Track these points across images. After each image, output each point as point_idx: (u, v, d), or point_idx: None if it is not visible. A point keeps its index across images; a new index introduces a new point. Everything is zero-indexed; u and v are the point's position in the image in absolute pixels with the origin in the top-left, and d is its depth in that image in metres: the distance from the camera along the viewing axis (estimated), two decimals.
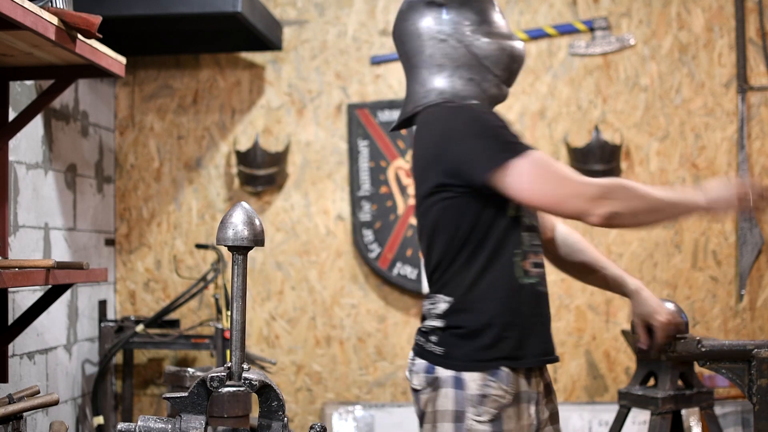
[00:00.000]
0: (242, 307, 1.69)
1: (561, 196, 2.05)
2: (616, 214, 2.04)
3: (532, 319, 2.15)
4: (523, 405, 2.12)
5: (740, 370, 2.41)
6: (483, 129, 2.12)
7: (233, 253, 1.69)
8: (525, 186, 2.05)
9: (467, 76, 2.22)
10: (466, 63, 2.22)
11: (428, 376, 2.14)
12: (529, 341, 2.14)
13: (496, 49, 2.21)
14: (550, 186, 2.06)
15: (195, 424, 1.66)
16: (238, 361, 1.68)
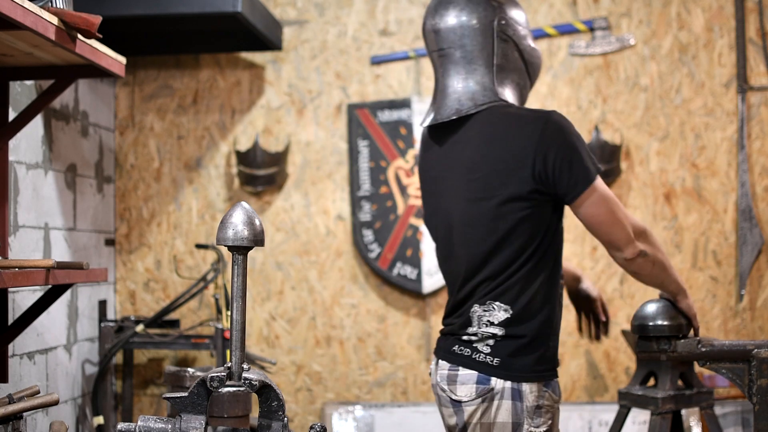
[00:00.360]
0: (242, 307, 1.69)
1: (616, 224, 2.13)
2: (645, 254, 2.15)
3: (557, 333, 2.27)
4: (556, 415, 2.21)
5: (740, 370, 2.41)
6: (582, 143, 2.14)
7: (233, 253, 1.69)
8: (593, 208, 2.11)
9: (516, 79, 2.22)
10: (517, 67, 2.21)
11: (480, 387, 2.10)
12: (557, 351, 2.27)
13: (537, 57, 2.23)
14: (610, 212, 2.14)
15: (195, 424, 1.66)
16: (238, 361, 1.68)
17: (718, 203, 4.20)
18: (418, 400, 4.24)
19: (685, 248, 4.20)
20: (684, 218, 4.21)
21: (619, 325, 4.18)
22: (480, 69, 2.19)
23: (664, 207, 4.21)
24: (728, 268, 4.20)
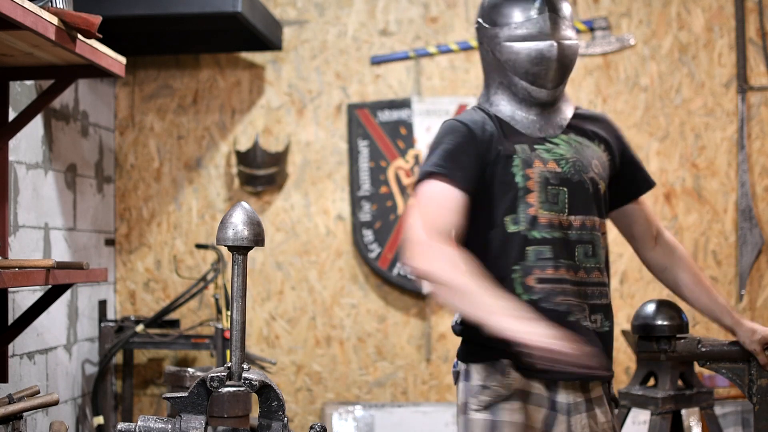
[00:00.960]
0: (242, 307, 1.69)
1: (407, 233, 2.11)
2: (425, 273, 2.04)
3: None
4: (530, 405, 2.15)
5: (740, 370, 2.41)
6: (436, 144, 2.21)
7: (233, 253, 1.69)
8: (410, 208, 2.15)
9: (498, 79, 2.29)
10: (496, 68, 2.28)
11: (453, 371, 2.28)
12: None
13: (512, 53, 2.23)
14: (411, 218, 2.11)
15: (195, 424, 1.66)
16: (238, 361, 1.68)
17: (718, 203, 4.20)
18: (418, 400, 4.24)
19: (685, 248, 4.20)
20: (684, 218, 4.21)
21: (619, 325, 4.18)
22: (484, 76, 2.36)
23: (664, 207, 4.21)
24: (728, 268, 4.20)
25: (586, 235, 2.19)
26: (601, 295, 2.20)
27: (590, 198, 2.22)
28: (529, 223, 2.15)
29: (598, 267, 2.20)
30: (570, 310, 2.14)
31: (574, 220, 2.19)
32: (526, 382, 2.15)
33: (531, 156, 2.20)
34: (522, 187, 2.17)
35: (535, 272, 2.14)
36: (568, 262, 2.16)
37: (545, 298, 2.13)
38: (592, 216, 2.21)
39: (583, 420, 2.15)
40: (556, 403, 2.16)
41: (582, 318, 2.15)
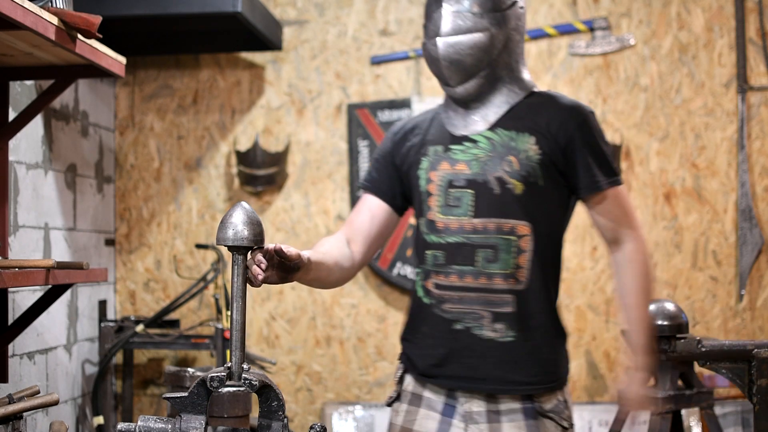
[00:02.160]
0: (242, 307, 1.69)
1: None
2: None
3: (429, 340, 2.13)
4: (421, 410, 2.14)
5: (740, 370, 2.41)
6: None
7: (233, 253, 1.69)
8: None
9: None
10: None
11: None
12: (430, 359, 2.13)
13: (424, 52, 2.20)
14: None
15: (195, 424, 1.66)
16: (238, 361, 1.68)
17: (718, 203, 4.20)
18: None
19: (685, 248, 4.20)
20: (684, 218, 4.21)
21: (619, 325, 4.18)
22: None
23: (664, 207, 4.21)
24: (728, 268, 4.20)
25: (488, 239, 2.07)
26: (504, 303, 2.07)
27: (497, 199, 2.08)
28: (428, 227, 2.14)
29: (502, 273, 2.07)
30: (459, 318, 2.08)
31: (478, 224, 2.08)
32: (420, 387, 2.15)
33: (440, 158, 2.15)
34: (424, 191, 2.16)
35: (432, 276, 2.12)
36: (467, 267, 2.08)
37: (436, 304, 2.11)
38: (499, 218, 2.08)
39: (483, 431, 2.07)
40: (453, 410, 2.10)
41: (476, 326, 2.07)
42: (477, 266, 2.08)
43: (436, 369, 2.12)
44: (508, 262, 2.07)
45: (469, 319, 2.08)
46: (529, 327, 2.08)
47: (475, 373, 2.08)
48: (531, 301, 2.09)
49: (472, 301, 2.08)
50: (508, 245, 2.07)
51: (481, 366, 2.08)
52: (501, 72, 2.13)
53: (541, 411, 2.07)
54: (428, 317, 2.13)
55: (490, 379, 2.07)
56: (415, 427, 2.13)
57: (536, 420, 2.07)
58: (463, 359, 2.09)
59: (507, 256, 2.07)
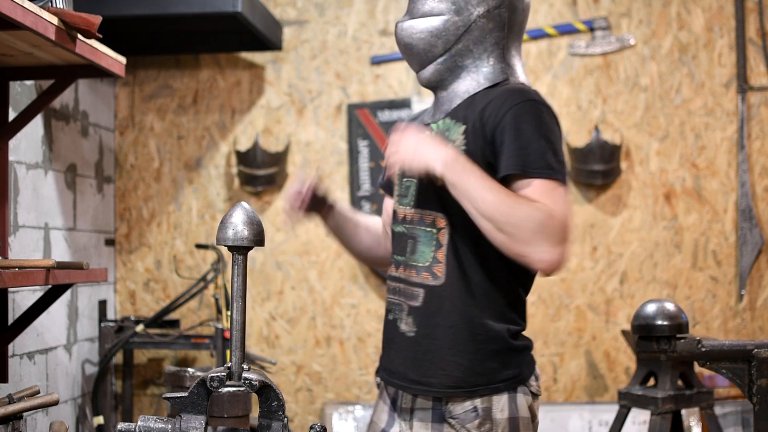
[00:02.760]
0: (242, 307, 1.69)
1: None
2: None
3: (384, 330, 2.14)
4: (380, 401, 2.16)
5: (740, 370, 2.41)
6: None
7: (233, 253, 1.69)
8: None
9: None
10: None
11: None
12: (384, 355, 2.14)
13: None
14: None
15: (195, 424, 1.66)
16: (238, 361, 1.68)
17: (718, 203, 4.20)
18: None
19: (685, 248, 4.20)
20: (684, 218, 4.21)
21: (619, 325, 4.18)
22: None
23: (664, 207, 4.21)
24: (728, 268, 4.20)
25: (414, 230, 2.03)
26: (415, 296, 2.00)
27: (424, 190, 2.02)
28: (394, 217, 2.15)
29: (419, 266, 2.00)
30: (390, 308, 2.08)
31: (412, 214, 2.04)
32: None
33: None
34: (392, 181, 2.21)
35: (391, 267, 2.13)
36: (400, 258, 2.06)
37: (387, 292, 2.13)
38: (423, 209, 2.02)
39: (404, 428, 2.05)
40: (395, 405, 2.10)
41: (399, 319, 2.04)
42: (405, 257, 2.05)
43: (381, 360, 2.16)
44: (426, 255, 2.00)
45: (396, 310, 2.06)
46: (434, 325, 1.97)
47: (393, 367, 2.06)
48: (444, 298, 1.96)
49: (397, 292, 2.06)
50: (429, 238, 2.00)
51: (395, 359, 2.05)
52: (464, 61, 2.03)
53: (445, 416, 1.97)
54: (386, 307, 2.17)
55: (398, 375, 2.04)
56: (374, 418, 2.16)
57: (441, 424, 1.97)
58: (389, 351, 2.08)
59: (426, 249, 2.00)
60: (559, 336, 4.22)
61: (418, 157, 1.92)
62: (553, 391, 4.21)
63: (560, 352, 4.21)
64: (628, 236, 4.21)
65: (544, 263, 1.84)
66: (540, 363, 4.22)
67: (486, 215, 1.84)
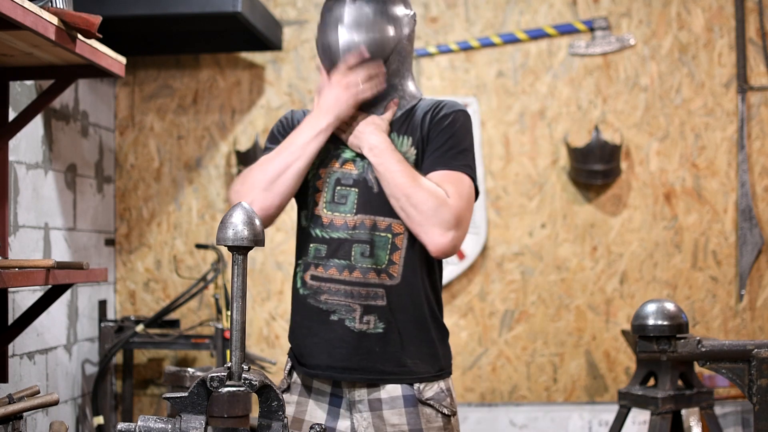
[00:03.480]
0: (242, 307, 1.69)
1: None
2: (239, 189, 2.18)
3: (303, 330, 2.21)
4: (310, 400, 2.22)
5: (740, 370, 2.40)
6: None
7: (233, 253, 1.69)
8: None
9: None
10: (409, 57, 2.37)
11: None
12: (306, 349, 2.21)
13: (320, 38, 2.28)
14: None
15: (195, 424, 1.66)
16: (238, 361, 1.68)
17: (718, 203, 4.20)
18: None
19: (685, 248, 4.20)
20: (684, 218, 4.21)
21: (619, 325, 4.18)
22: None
23: (664, 207, 4.21)
24: (728, 268, 4.20)
25: (363, 235, 2.14)
26: (377, 296, 2.13)
27: (375, 197, 2.15)
28: (313, 221, 2.20)
29: (374, 268, 2.13)
30: (334, 309, 2.15)
31: (357, 220, 2.15)
32: (308, 377, 2.22)
33: (331, 156, 2.21)
34: (312, 185, 2.22)
35: (311, 269, 2.18)
36: (343, 262, 2.15)
37: (312, 294, 2.17)
38: (376, 216, 2.15)
39: (366, 419, 2.15)
40: (339, 400, 2.18)
41: (348, 318, 2.14)
42: (352, 261, 2.14)
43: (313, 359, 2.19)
44: (382, 258, 2.14)
45: (343, 311, 2.15)
46: (399, 320, 2.14)
47: (350, 364, 2.15)
48: (403, 296, 2.15)
49: (346, 294, 2.15)
50: (384, 242, 2.14)
51: (354, 356, 2.15)
52: (393, 80, 2.24)
53: (421, 399, 2.14)
54: (303, 307, 2.20)
55: (367, 370, 2.15)
56: (306, 417, 2.20)
57: (416, 407, 2.14)
58: (336, 349, 2.16)
59: (382, 253, 2.14)
60: (559, 336, 4.22)
61: (357, 138, 2.17)
62: (553, 391, 4.21)
63: (560, 352, 4.21)
64: (628, 236, 4.21)
65: (434, 245, 2.09)
66: (540, 363, 4.22)
67: (394, 195, 2.10)
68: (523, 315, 4.23)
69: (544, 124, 4.25)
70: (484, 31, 4.29)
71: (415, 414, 2.13)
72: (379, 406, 2.15)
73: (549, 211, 4.22)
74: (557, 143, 4.23)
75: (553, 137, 4.24)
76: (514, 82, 4.27)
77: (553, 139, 4.24)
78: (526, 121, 4.25)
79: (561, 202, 4.22)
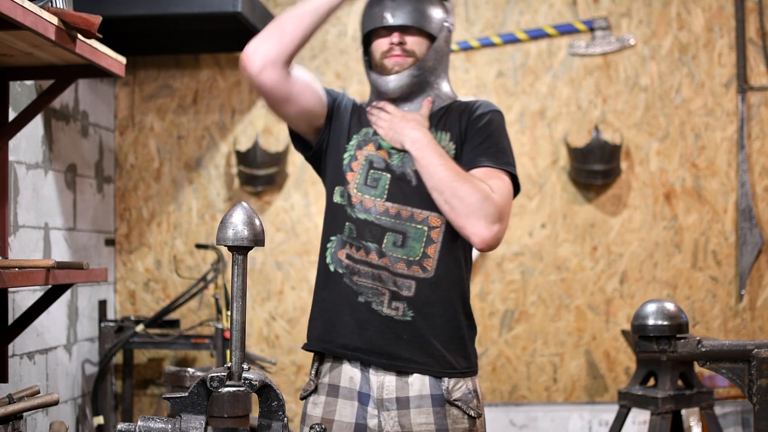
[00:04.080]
0: (242, 307, 1.69)
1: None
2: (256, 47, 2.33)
3: (331, 307, 2.23)
4: (339, 400, 2.18)
5: (740, 370, 2.41)
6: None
7: (233, 253, 1.69)
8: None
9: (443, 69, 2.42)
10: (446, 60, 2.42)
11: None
12: (333, 327, 2.22)
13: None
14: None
15: (195, 424, 1.66)
16: (238, 361, 1.68)
17: (718, 203, 4.20)
18: None
19: (685, 248, 4.20)
20: (684, 218, 4.21)
21: (619, 325, 4.18)
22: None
23: (664, 207, 4.21)
24: (728, 268, 4.20)
25: (398, 225, 2.16)
26: (405, 287, 2.15)
27: (413, 189, 2.18)
28: (347, 200, 2.21)
29: (405, 259, 2.15)
30: (362, 291, 2.17)
31: (390, 208, 2.17)
32: (336, 375, 2.20)
33: (368, 140, 2.24)
34: (346, 164, 2.24)
35: (346, 248, 2.19)
36: (372, 245, 2.17)
37: (346, 273, 2.19)
38: (414, 207, 2.17)
39: (393, 417, 2.14)
40: (368, 397, 2.17)
41: (376, 302, 2.15)
42: (382, 247, 2.16)
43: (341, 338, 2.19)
44: (416, 249, 2.15)
45: (371, 293, 2.16)
46: (430, 312, 2.15)
47: (378, 347, 2.15)
48: (436, 290, 2.15)
49: (374, 278, 2.16)
50: (420, 234, 2.16)
51: (381, 340, 2.15)
52: (429, 77, 2.27)
53: (449, 399, 2.14)
54: (335, 285, 2.21)
55: (394, 356, 2.15)
56: (336, 417, 2.19)
57: (443, 407, 2.14)
58: (364, 331, 2.16)
59: (416, 244, 2.16)
60: (559, 336, 4.22)
61: (397, 133, 2.18)
62: (553, 391, 4.21)
63: (560, 352, 4.21)
64: (628, 236, 4.21)
65: (479, 237, 2.10)
66: (540, 363, 4.22)
67: (437, 188, 2.11)
68: (523, 315, 4.23)
69: (544, 124, 4.25)
70: (484, 31, 4.29)
71: (442, 414, 2.13)
72: (407, 405, 2.15)
73: (549, 211, 4.22)
74: (557, 143, 4.23)
75: (553, 137, 4.24)
76: (514, 82, 4.28)
77: (553, 139, 4.24)
78: (526, 121, 4.26)
79: (561, 202, 4.22)
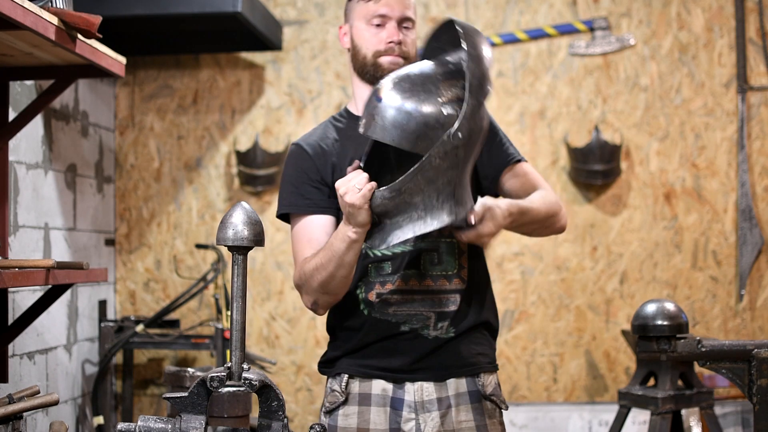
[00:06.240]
0: (242, 307, 1.69)
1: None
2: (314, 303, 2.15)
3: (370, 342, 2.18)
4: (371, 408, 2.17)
5: (740, 370, 2.40)
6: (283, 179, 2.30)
7: (233, 253, 1.69)
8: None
9: None
10: None
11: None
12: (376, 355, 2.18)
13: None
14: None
15: (195, 424, 1.66)
16: (238, 361, 1.68)
17: (718, 203, 4.20)
18: None
19: (685, 248, 4.20)
20: (684, 218, 4.21)
21: (619, 325, 4.18)
22: None
23: (664, 207, 4.21)
24: (728, 268, 4.20)
25: (429, 244, 2.15)
26: (448, 302, 2.16)
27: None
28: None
29: (444, 274, 2.16)
30: (405, 320, 2.15)
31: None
32: (366, 385, 2.18)
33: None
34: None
35: (376, 287, 2.16)
36: (412, 272, 2.15)
37: (379, 309, 2.16)
38: None
39: (434, 419, 2.15)
40: (401, 402, 2.16)
41: (422, 327, 2.15)
42: (421, 269, 2.16)
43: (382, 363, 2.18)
44: (452, 263, 2.17)
45: (415, 320, 2.16)
46: (468, 322, 2.19)
47: (420, 366, 2.17)
48: (474, 298, 2.20)
49: (416, 303, 2.16)
50: (451, 247, 2.17)
51: (424, 361, 2.17)
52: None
53: (484, 394, 2.20)
54: (369, 324, 2.18)
55: (432, 369, 2.18)
56: (371, 426, 2.18)
57: (480, 402, 2.19)
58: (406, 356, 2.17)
59: (450, 258, 2.17)
60: (559, 336, 4.22)
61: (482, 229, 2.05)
62: (553, 391, 4.22)
63: (560, 352, 4.21)
64: (628, 236, 4.21)
65: (564, 222, 2.29)
66: (540, 363, 4.22)
67: (543, 221, 2.21)
68: (523, 315, 4.23)
69: (544, 124, 4.25)
70: (484, 31, 4.29)
71: (480, 409, 2.19)
72: (448, 404, 2.17)
73: None
74: (557, 143, 4.23)
75: (553, 137, 4.24)
76: (514, 82, 4.28)
77: (553, 139, 4.24)
78: (526, 121, 4.26)
79: (561, 202, 4.22)
